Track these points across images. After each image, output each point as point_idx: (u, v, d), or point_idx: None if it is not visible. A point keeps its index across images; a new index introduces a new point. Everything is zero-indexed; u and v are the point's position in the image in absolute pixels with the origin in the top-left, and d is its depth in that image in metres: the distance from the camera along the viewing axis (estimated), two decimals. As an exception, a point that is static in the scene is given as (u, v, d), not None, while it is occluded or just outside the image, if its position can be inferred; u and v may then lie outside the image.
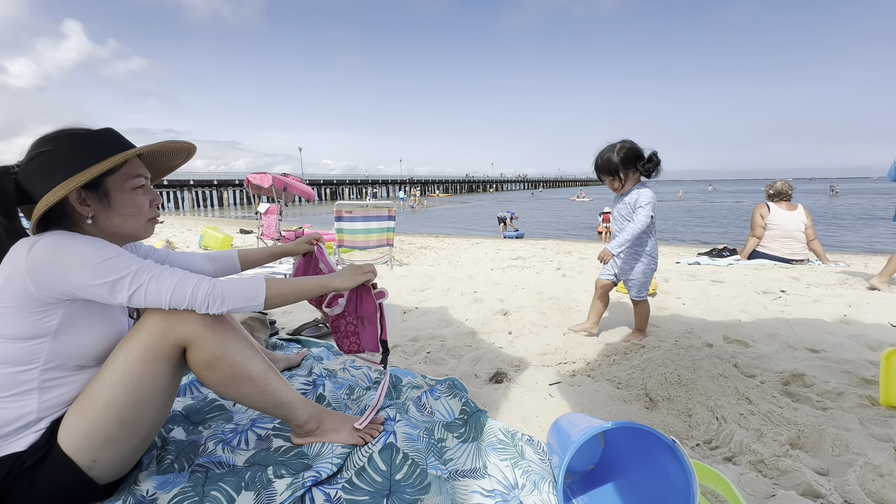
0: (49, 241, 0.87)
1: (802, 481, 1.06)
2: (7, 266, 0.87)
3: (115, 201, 0.97)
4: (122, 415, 0.91)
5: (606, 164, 1.97)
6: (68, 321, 0.91)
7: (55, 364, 0.91)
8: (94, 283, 0.88)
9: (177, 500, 0.96)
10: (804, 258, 4.16)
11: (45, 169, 0.91)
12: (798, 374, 1.63)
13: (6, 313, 0.86)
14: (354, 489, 1.04)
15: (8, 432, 0.88)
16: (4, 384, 0.88)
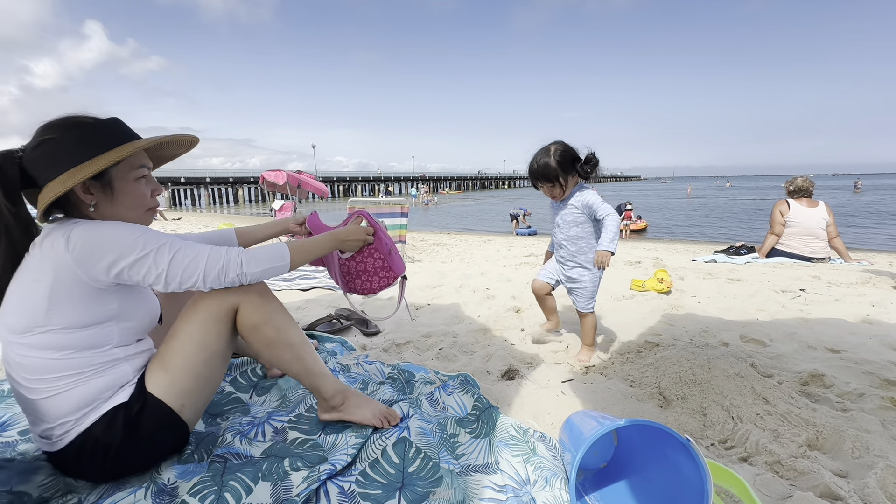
0: (82, 231, 0.90)
1: (820, 483, 1.04)
2: (50, 264, 0.89)
3: (118, 191, 0.99)
4: (196, 369, 1.04)
5: (544, 169, 1.80)
6: (124, 303, 0.99)
7: (124, 343, 1.02)
8: (135, 258, 0.92)
9: (197, 488, 0.99)
10: (825, 256, 4.06)
11: (51, 156, 0.92)
12: (817, 375, 1.60)
13: (68, 306, 0.91)
14: (368, 481, 1.06)
15: (109, 394, 0.99)
16: (93, 363, 0.96)
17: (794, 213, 4.07)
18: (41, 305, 0.89)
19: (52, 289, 0.89)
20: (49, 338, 0.91)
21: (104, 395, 0.98)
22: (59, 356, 0.92)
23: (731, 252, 4.67)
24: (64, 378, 0.93)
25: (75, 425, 0.96)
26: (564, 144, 1.82)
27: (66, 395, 0.94)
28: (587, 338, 1.95)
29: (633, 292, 3.00)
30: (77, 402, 0.95)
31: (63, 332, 0.92)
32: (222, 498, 0.96)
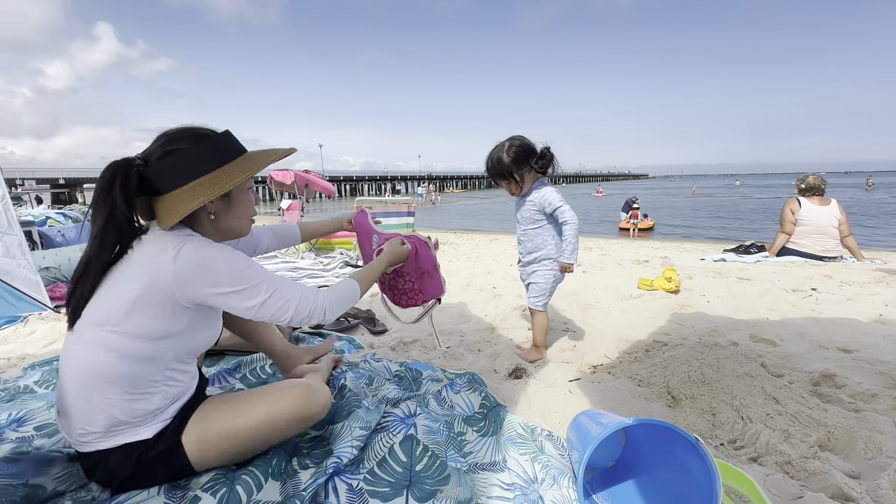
0: (193, 251, 0.93)
1: (832, 484, 1.03)
2: (149, 271, 0.92)
3: (235, 201, 1.06)
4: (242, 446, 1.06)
5: (498, 166, 1.77)
6: (193, 323, 1.00)
7: (176, 361, 1.02)
8: (232, 291, 0.96)
9: (209, 484, 1.00)
10: (837, 255, 4.00)
11: (180, 167, 0.97)
12: (829, 375, 1.58)
13: (146, 314, 0.93)
14: (376, 479, 1.07)
15: (138, 422, 0.97)
16: (137, 380, 0.95)
17: (806, 211, 4.02)
18: (123, 306, 0.92)
19: (141, 293, 0.92)
20: (114, 339, 0.92)
21: (122, 426, 0.96)
22: (113, 361, 0.93)
23: (740, 251, 4.62)
24: (104, 384, 0.93)
25: (95, 441, 0.96)
26: (521, 140, 1.78)
27: (97, 407, 0.94)
28: (535, 337, 1.92)
29: (642, 291, 2.99)
30: (104, 422, 0.95)
31: (128, 338, 0.93)
32: (234, 492, 0.97)
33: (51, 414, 1.37)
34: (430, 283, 1.55)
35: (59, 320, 2.50)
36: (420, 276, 1.53)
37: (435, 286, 1.56)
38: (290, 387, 1.13)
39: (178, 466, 1.01)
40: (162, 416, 1.01)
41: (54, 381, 1.66)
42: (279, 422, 1.07)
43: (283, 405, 1.07)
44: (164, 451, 0.99)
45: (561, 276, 1.86)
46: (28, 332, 2.34)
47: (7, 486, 0.96)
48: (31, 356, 2.03)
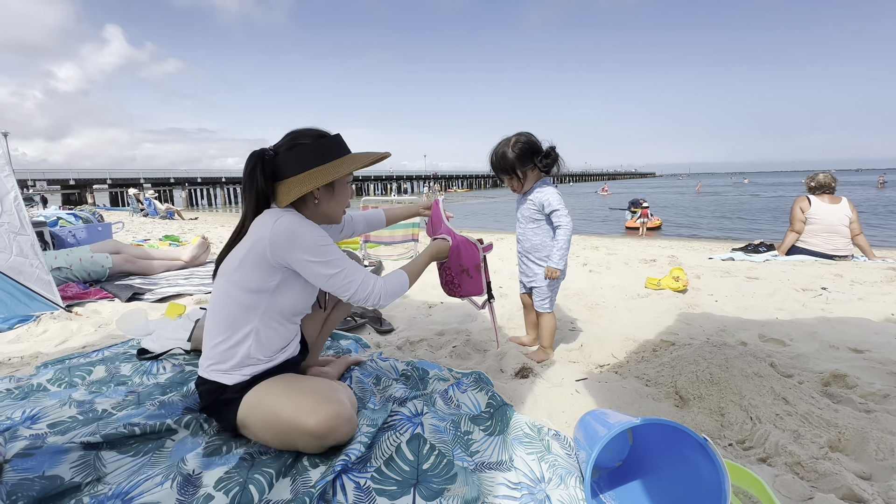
0: (288, 222, 1.14)
1: (843, 485, 1.02)
2: (255, 233, 1.16)
3: (337, 191, 1.27)
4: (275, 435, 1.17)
5: (502, 161, 1.77)
6: (283, 284, 1.20)
7: (268, 315, 1.21)
8: (311, 260, 1.15)
9: (223, 484, 1.01)
10: (848, 254, 3.95)
11: (302, 157, 1.19)
12: (839, 375, 1.56)
13: (247, 267, 1.16)
14: (383, 478, 1.07)
15: (224, 361, 1.19)
16: (235, 322, 1.18)
17: (816, 209, 3.97)
18: (236, 260, 1.17)
19: (247, 251, 1.16)
20: (227, 285, 1.18)
21: (218, 362, 1.19)
22: (224, 301, 1.18)
23: (749, 250, 4.58)
24: (216, 321, 1.19)
25: (204, 369, 1.21)
26: (527, 136, 1.76)
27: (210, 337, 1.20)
28: (543, 339, 1.91)
29: (649, 291, 2.97)
30: (209, 349, 1.20)
31: (234, 286, 1.17)
32: (246, 490, 0.99)
33: (63, 412, 1.39)
34: (470, 281, 1.66)
35: (70, 319, 2.54)
36: (460, 272, 1.66)
37: (474, 286, 1.66)
38: (325, 403, 1.14)
39: (233, 421, 1.19)
40: (244, 370, 1.20)
41: (66, 379, 1.68)
42: (301, 431, 1.11)
43: (309, 420, 1.10)
44: (230, 401, 1.19)
45: (563, 276, 1.85)
46: (41, 331, 2.38)
47: (23, 480, 0.98)
48: (44, 355, 2.06)
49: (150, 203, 13.53)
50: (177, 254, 4.17)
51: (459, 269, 1.66)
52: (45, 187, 28.23)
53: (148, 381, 1.66)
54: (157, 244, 5.88)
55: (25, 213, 2.70)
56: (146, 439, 1.20)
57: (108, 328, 2.46)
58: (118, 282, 3.46)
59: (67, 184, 32.52)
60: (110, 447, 1.15)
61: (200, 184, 41.73)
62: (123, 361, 1.85)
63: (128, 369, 1.77)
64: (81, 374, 1.72)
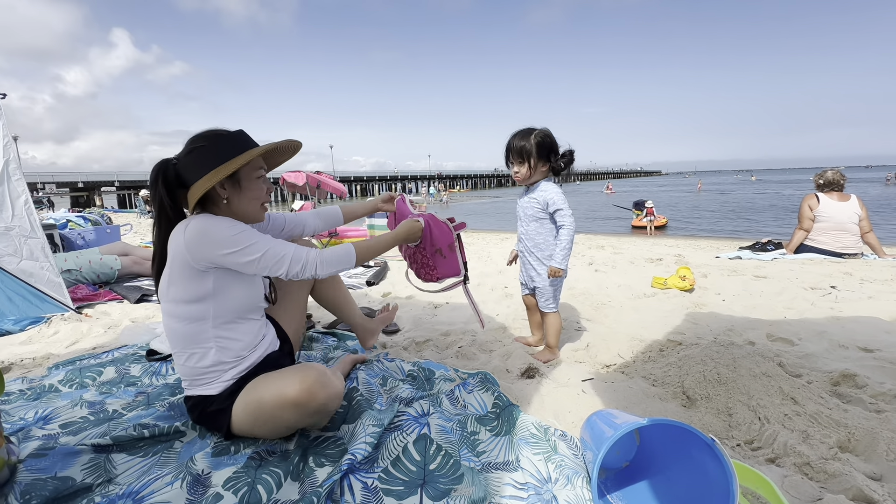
0: (197, 223, 1.12)
1: (853, 486, 1.01)
2: (173, 246, 1.14)
3: (244, 187, 1.22)
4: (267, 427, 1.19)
5: (520, 143, 1.77)
6: (220, 284, 1.17)
7: (220, 320, 1.19)
8: (231, 251, 1.12)
9: (231, 483, 1.02)
10: (858, 252, 3.91)
11: (199, 161, 1.16)
12: (849, 375, 1.55)
13: (177, 282, 1.14)
14: (390, 478, 1.08)
15: (202, 376, 1.20)
16: (190, 337, 1.18)
17: (825, 207, 3.93)
18: (166, 280, 1.16)
19: (170, 266, 1.14)
20: (168, 306, 1.17)
21: (196, 377, 1.20)
22: (172, 322, 1.18)
23: (757, 248, 4.54)
24: (174, 342, 1.19)
25: (186, 388, 1.24)
26: (550, 134, 1.79)
27: (177, 358, 1.21)
28: (549, 338, 1.91)
29: (655, 290, 2.96)
30: (182, 370, 1.21)
31: (174, 303, 1.16)
32: (255, 490, 1.00)
33: (75, 412, 1.41)
34: (444, 262, 1.63)
35: (80, 321, 2.57)
36: (433, 253, 1.62)
37: (449, 266, 1.63)
38: (302, 372, 1.16)
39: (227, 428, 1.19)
40: (224, 377, 1.21)
41: (77, 380, 1.71)
42: (284, 404, 1.12)
43: (289, 389, 1.12)
44: (218, 411, 1.20)
45: (565, 275, 1.85)
46: (52, 332, 2.41)
47: (36, 480, 1.00)
48: (55, 356, 2.08)
49: (157, 205, 13.63)
50: (184, 255, 4.21)
51: (433, 249, 1.62)
52: (54, 190, 28.55)
53: (157, 382, 1.68)
54: (164, 246, 5.93)
55: (36, 217, 2.74)
56: (155, 440, 1.22)
57: (117, 329, 2.48)
58: (127, 283, 3.50)
59: (76, 186, 32.88)
60: (120, 449, 1.16)
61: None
62: (133, 362, 1.87)
63: (137, 370, 1.79)
64: (92, 375, 1.74)
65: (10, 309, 2.53)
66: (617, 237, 9.22)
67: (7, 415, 1.40)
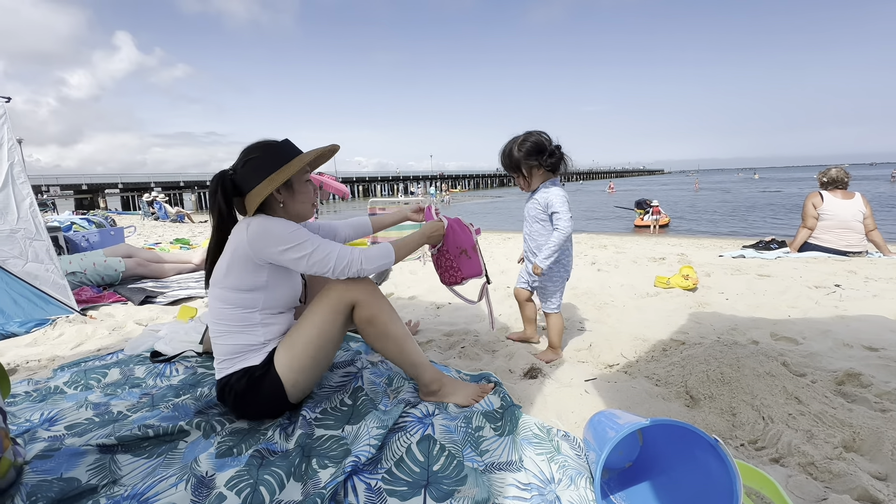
0: (259, 223, 1.26)
1: (858, 485, 1.01)
2: (234, 240, 1.28)
3: (296, 190, 1.37)
4: (313, 351, 1.31)
5: (508, 159, 1.79)
6: (272, 279, 1.31)
7: (267, 309, 1.33)
8: (286, 247, 1.25)
9: (234, 482, 1.03)
10: (862, 250, 3.89)
11: (255, 171, 1.30)
12: (854, 374, 1.54)
13: (235, 272, 1.27)
14: (394, 479, 1.08)
15: (247, 352, 1.31)
16: (240, 320, 1.30)
17: (829, 205, 3.91)
18: (223, 268, 1.29)
19: (230, 258, 1.27)
20: (222, 292, 1.30)
21: (241, 353, 1.30)
22: (224, 307, 1.30)
23: (760, 247, 4.52)
24: (222, 325, 1.30)
25: (226, 368, 1.31)
26: (537, 135, 1.77)
27: (222, 339, 1.31)
28: (552, 338, 1.92)
29: (658, 289, 2.95)
30: (226, 350, 1.31)
31: (228, 290, 1.29)
32: (257, 492, 1.00)
33: (80, 414, 1.42)
34: (468, 262, 1.68)
35: (85, 323, 2.58)
36: (458, 254, 1.67)
37: (473, 266, 1.68)
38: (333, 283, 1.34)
39: (276, 393, 1.29)
40: (266, 348, 1.32)
41: (82, 381, 1.72)
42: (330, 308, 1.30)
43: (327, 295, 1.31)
44: (265, 373, 1.28)
45: (567, 276, 1.87)
46: (56, 334, 2.42)
47: (42, 481, 1.01)
48: (60, 357, 2.10)
49: (160, 207, 13.72)
50: (187, 257, 4.23)
51: (457, 251, 1.67)
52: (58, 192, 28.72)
53: (161, 384, 1.69)
54: (168, 247, 5.96)
55: (41, 219, 2.76)
56: (160, 441, 1.22)
57: (122, 331, 2.50)
58: (131, 285, 3.52)
59: (80, 189, 33.05)
60: (125, 450, 1.17)
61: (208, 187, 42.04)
62: (137, 364, 1.88)
63: (142, 372, 1.80)
64: (97, 376, 1.75)
65: (15, 311, 2.55)
66: (619, 236, 9.20)
67: (13, 416, 1.41)
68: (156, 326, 2.34)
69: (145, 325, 2.57)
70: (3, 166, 2.65)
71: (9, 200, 2.65)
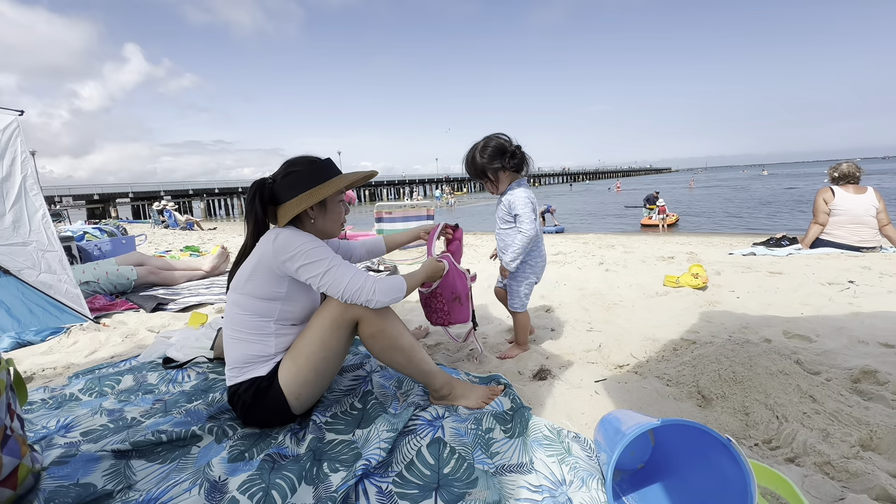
0: (286, 235, 1.28)
1: (875, 485, 0.99)
2: (260, 249, 1.31)
3: (329, 209, 1.40)
4: (316, 366, 1.31)
5: (471, 166, 1.80)
6: (291, 290, 1.33)
7: (282, 320, 1.34)
8: (304, 263, 1.26)
9: (246, 486, 1.04)
10: (876, 245, 3.82)
11: (294, 184, 1.34)
12: (869, 371, 1.51)
13: (256, 279, 1.29)
14: (405, 482, 1.08)
15: (255, 363, 1.32)
16: (254, 328, 1.32)
17: (840, 200, 3.85)
18: (245, 274, 1.31)
19: (254, 265, 1.30)
20: (240, 297, 1.32)
21: (250, 364, 1.31)
22: (240, 312, 1.32)
23: (771, 244, 4.46)
24: (237, 331, 1.32)
25: (235, 376, 1.33)
26: (496, 139, 1.77)
27: (235, 345, 1.32)
28: (518, 336, 1.94)
29: (667, 289, 2.92)
30: (237, 357, 1.32)
31: (247, 297, 1.31)
32: (269, 496, 1.01)
33: (95, 420, 1.44)
34: (459, 309, 1.72)
35: (98, 331, 2.62)
36: (452, 300, 1.71)
37: (462, 313, 1.72)
38: None
39: (280, 406, 1.30)
40: (275, 359, 1.33)
41: (97, 388, 1.74)
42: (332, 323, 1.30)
43: (329, 310, 1.31)
44: (269, 385, 1.29)
45: (536, 277, 1.90)
46: (71, 342, 2.46)
47: (59, 487, 1.02)
48: (75, 365, 2.13)
49: (170, 215, 13.90)
50: (197, 264, 4.28)
51: (452, 296, 1.71)
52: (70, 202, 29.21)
53: (174, 390, 1.71)
54: (178, 255, 6.03)
55: (53, 230, 2.81)
56: (173, 446, 1.24)
57: (134, 338, 2.53)
58: (143, 293, 3.56)
59: (92, 199, 33.60)
60: (139, 455, 1.18)
61: (218, 194, 42.60)
62: (150, 370, 1.90)
63: (154, 378, 1.82)
64: (111, 383, 1.78)
65: (31, 320, 2.60)
66: (627, 236, 9.14)
67: (30, 423, 1.44)
68: (167, 333, 2.37)
69: (157, 332, 2.60)
70: (16, 179, 2.70)
71: (22, 213, 2.70)
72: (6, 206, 2.65)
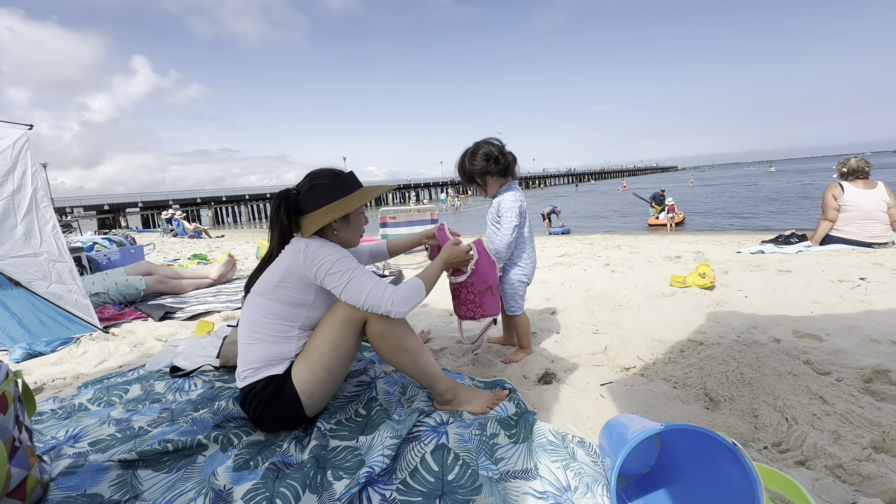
0: (317, 245, 1.34)
1: (889, 488, 0.97)
2: (289, 257, 1.34)
3: (351, 222, 1.46)
4: (328, 363, 1.33)
5: (462, 171, 1.86)
6: (317, 297, 1.37)
7: (306, 325, 1.38)
8: (330, 273, 1.31)
9: (251, 494, 1.04)
10: (888, 241, 3.76)
11: (320, 195, 1.39)
12: (882, 371, 1.49)
13: (286, 285, 1.33)
14: (409, 490, 1.08)
15: (274, 362, 1.33)
16: (278, 331, 1.35)
17: (850, 196, 3.80)
18: (274, 280, 1.34)
19: (285, 272, 1.33)
20: (267, 302, 1.35)
21: (270, 362, 1.33)
22: (265, 316, 1.34)
23: (779, 241, 4.41)
24: (258, 333, 1.34)
25: (250, 375, 1.33)
26: (485, 145, 1.81)
27: (254, 347, 1.34)
28: (520, 339, 1.95)
29: (674, 289, 2.90)
30: (255, 357, 1.33)
31: (275, 302, 1.34)
32: (273, 504, 1.01)
33: (103, 430, 1.46)
34: (491, 300, 1.68)
35: (107, 340, 2.65)
36: (485, 290, 1.66)
37: (493, 304, 1.69)
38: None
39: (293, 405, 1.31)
40: (292, 359, 1.35)
41: (105, 398, 1.76)
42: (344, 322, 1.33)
43: (340, 310, 1.34)
44: (284, 384, 1.31)
45: (527, 279, 1.91)
46: (81, 352, 2.49)
47: (67, 498, 1.03)
48: (84, 375, 2.15)
49: (178, 223, 14.06)
50: (205, 272, 4.32)
51: (484, 286, 1.65)
52: (81, 213, 29.65)
53: (180, 398, 1.72)
54: (186, 263, 6.09)
55: (63, 241, 2.85)
56: (179, 455, 1.24)
57: (143, 347, 2.56)
58: (151, 301, 3.60)
59: (102, 209, 34.10)
60: (146, 465, 1.19)
61: (225, 202, 43.01)
62: (157, 379, 1.92)
63: (161, 387, 1.83)
64: (119, 392, 1.79)
65: (42, 331, 2.64)
66: (634, 236, 9.08)
67: (40, 434, 1.46)
68: (175, 342, 2.39)
69: (165, 341, 2.62)
70: (27, 191, 2.75)
71: (32, 225, 2.74)
72: (18, 218, 2.69)
